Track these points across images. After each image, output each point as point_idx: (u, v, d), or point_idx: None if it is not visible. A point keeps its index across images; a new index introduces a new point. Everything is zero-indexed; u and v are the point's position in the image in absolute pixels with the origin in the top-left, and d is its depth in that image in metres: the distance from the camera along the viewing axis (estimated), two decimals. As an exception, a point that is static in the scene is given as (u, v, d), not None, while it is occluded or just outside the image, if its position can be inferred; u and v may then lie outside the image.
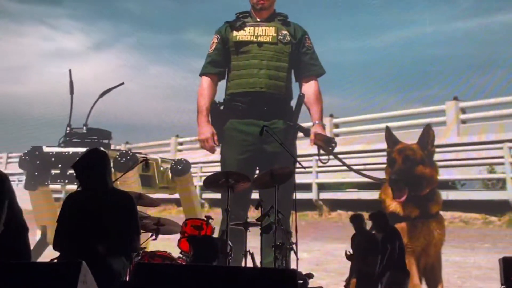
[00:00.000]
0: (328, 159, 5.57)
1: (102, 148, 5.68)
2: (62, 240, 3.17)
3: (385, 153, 5.97)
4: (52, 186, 6.02)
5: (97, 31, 8.59)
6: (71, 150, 6.02)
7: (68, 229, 3.16)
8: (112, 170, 5.55)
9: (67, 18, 8.74)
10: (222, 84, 5.79)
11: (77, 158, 3.28)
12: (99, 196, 3.19)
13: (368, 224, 5.07)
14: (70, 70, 6.67)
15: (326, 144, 5.52)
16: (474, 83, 7.29)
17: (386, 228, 4.87)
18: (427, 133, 5.78)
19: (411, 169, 5.69)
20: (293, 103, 5.66)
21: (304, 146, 5.97)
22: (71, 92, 6.60)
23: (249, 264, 4.33)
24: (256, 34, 5.63)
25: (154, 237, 4.48)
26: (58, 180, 5.97)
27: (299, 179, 4.93)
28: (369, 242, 4.96)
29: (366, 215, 5.05)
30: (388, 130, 5.96)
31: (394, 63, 7.35)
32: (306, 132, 5.59)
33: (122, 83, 6.79)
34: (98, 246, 3.03)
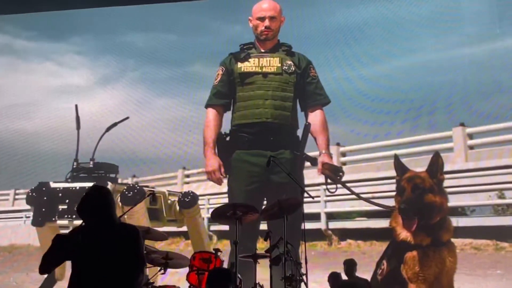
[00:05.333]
0: (336, 188, 5.52)
1: (109, 183, 5.74)
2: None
3: (393, 180, 5.91)
4: (59, 222, 5.96)
5: (103, 66, 8.65)
6: (78, 185, 6.00)
7: (78, 265, 3.13)
8: (120, 204, 5.58)
9: (72, 54, 8.80)
10: (228, 115, 5.80)
11: (81, 199, 3.24)
12: (104, 231, 3.16)
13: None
14: (76, 106, 6.70)
15: (333, 173, 5.49)
16: (480, 108, 7.26)
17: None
18: (436, 161, 5.71)
19: (421, 197, 5.62)
20: (299, 132, 5.65)
21: (311, 175, 5.94)
22: (78, 127, 6.61)
23: (259, 297, 4.29)
24: (260, 65, 5.65)
25: (162, 271, 4.45)
26: (66, 216, 5.93)
27: (308, 209, 4.88)
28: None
29: (377, 244, 4.99)
30: (396, 158, 5.90)
31: (399, 90, 7.34)
32: (313, 161, 5.56)
33: (127, 118, 6.81)
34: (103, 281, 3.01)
